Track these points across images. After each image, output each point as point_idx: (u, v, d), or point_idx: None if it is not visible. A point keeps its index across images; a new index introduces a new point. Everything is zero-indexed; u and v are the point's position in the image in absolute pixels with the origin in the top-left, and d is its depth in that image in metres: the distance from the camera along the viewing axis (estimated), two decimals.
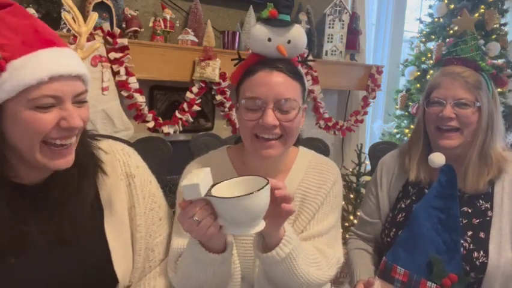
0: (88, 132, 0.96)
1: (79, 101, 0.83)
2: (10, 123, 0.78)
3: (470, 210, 1.22)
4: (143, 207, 1.03)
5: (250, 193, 0.76)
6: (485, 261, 1.15)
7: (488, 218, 1.20)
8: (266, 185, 0.78)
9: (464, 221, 1.20)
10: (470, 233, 1.19)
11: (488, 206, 1.22)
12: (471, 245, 1.17)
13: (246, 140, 1.04)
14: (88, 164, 0.93)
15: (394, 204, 1.35)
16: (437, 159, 1.16)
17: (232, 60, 1.11)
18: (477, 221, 1.21)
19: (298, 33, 1.03)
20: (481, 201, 1.23)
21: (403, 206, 1.32)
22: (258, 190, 0.77)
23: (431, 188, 1.19)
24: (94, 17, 1.06)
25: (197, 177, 0.79)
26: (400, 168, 1.37)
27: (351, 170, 2.75)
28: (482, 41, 1.11)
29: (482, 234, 1.19)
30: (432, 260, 1.11)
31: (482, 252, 1.16)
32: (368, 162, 2.31)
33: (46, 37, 0.80)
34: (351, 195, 2.73)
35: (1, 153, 0.80)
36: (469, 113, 1.20)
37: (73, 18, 1.00)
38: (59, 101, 0.79)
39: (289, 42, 1.02)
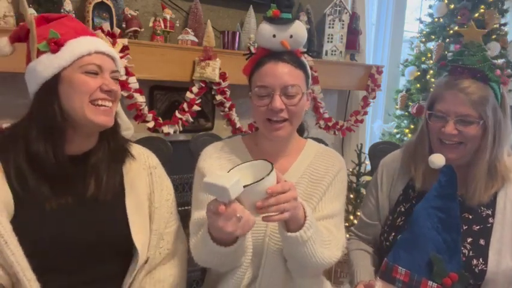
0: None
1: (114, 77, 1.10)
2: (66, 88, 1.03)
3: (470, 217, 1.21)
4: (160, 196, 1.20)
5: (265, 176, 0.85)
6: (484, 268, 1.14)
7: (489, 225, 1.19)
8: (272, 169, 0.88)
9: (464, 227, 1.19)
10: (469, 239, 1.18)
11: (490, 212, 1.20)
12: (470, 252, 1.16)
13: (259, 124, 1.20)
14: (119, 149, 1.17)
15: (394, 208, 1.34)
16: (437, 160, 1.16)
17: (243, 55, 1.29)
18: (477, 227, 1.19)
19: (299, 28, 1.17)
20: (482, 208, 1.21)
21: (403, 209, 1.31)
22: (269, 174, 0.86)
23: (431, 189, 1.19)
24: (122, 43, 1.54)
25: (231, 176, 0.85)
26: (401, 171, 1.35)
27: (351, 170, 2.75)
28: (489, 52, 1.10)
29: (482, 241, 1.17)
30: (433, 259, 1.11)
31: (481, 260, 1.15)
32: (368, 162, 2.31)
33: (89, 31, 1.15)
34: (351, 195, 2.73)
35: (60, 124, 1.03)
36: (472, 130, 1.16)
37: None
38: (101, 70, 1.06)
39: (291, 36, 1.16)
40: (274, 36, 1.16)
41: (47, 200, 1.04)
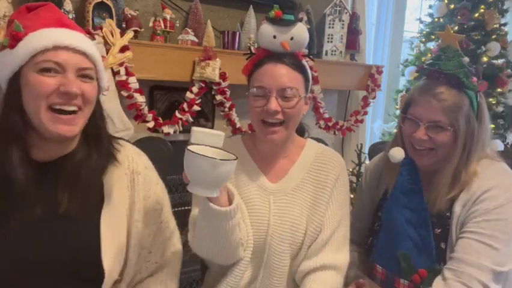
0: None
1: (83, 75, 0.93)
2: (24, 89, 0.90)
3: (435, 220, 1.19)
4: (143, 204, 1.06)
5: (218, 159, 0.87)
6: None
7: (447, 228, 1.17)
8: (233, 159, 0.90)
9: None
10: (429, 225, 1.17)
11: (449, 215, 1.18)
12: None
13: (254, 125, 1.18)
14: (102, 154, 1.01)
15: (374, 212, 1.34)
16: (397, 154, 1.16)
17: (244, 54, 1.27)
18: (438, 231, 1.18)
19: (300, 31, 1.16)
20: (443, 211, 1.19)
21: (380, 214, 1.30)
22: (224, 160, 0.88)
23: (395, 185, 1.18)
24: (129, 35, 1.44)
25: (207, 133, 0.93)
26: (382, 175, 1.35)
27: (351, 170, 2.75)
28: (467, 59, 1.10)
29: (442, 245, 1.17)
30: (400, 256, 1.12)
31: (442, 264, 1.14)
32: (368, 162, 2.31)
33: (64, 22, 0.96)
34: (351, 196, 2.72)
35: (20, 129, 0.91)
36: (443, 137, 1.15)
37: (111, 32, 1.31)
38: (62, 69, 0.90)
39: (292, 38, 1.15)
40: (274, 37, 1.15)
41: (11, 212, 0.91)
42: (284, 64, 1.13)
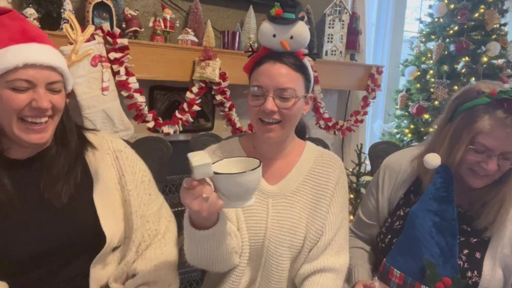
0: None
1: (52, 89, 0.99)
2: None
3: (469, 229, 1.19)
4: (132, 177, 1.16)
5: (251, 170, 0.87)
6: (478, 281, 1.14)
7: (486, 239, 1.18)
8: (258, 165, 0.90)
9: (461, 239, 1.18)
10: (466, 251, 1.17)
11: (488, 226, 1.18)
12: (466, 263, 1.15)
13: (253, 123, 1.17)
14: (71, 141, 1.09)
15: (394, 211, 1.33)
16: (432, 160, 1.13)
17: (245, 52, 1.24)
18: (474, 240, 1.18)
19: (300, 30, 1.14)
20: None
21: (402, 213, 1.29)
22: (254, 169, 0.88)
23: (426, 191, 1.17)
24: (90, 29, 1.30)
25: (205, 158, 0.87)
26: (404, 174, 1.33)
27: (351, 170, 2.75)
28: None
29: (477, 254, 1.16)
30: (426, 263, 1.10)
31: (476, 272, 1.14)
32: (368, 162, 2.30)
33: (30, 35, 0.99)
34: (351, 195, 2.73)
35: None
36: (509, 164, 1.10)
37: (70, 25, 1.26)
38: (32, 85, 0.95)
39: (292, 37, 1.13)
40: (274, 36, 1.13)
41: (5, 207, 0.99)
42: (283, 64, 1.11)
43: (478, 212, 1.18)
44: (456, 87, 2.92)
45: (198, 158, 0.86)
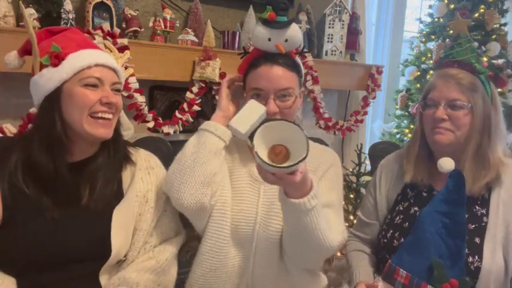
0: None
1: (115, 88, 1.13)
2: (66, 101, 1.06)
3: (466, 216, 1.20)
4: (156, 193, 1.22)
5: (297, 162, 0.88)
6: (479, 265, 1.16)
7: (483, 224, 1.20)
8: (305, 157, 0.89)
9: None
10: (466, 237, 1.19)
11: (484, 212, 1.22)
12: (466, 249, 1.17)
13: None
14: (119, 157, 1.19)
15: (393, 207, 1.36)
16: (446, 164, 1.15)
17: (238, 54, 1.28)
18: (473, 226, 1.21)
19: (294, 32, 1.18)
20: (477, 207, 1.23)
21: (401, 208, 1.33)
22: (300, 161, 0.88)
23: (438, 193, 1.18)
24: (127, 55, 1.72)
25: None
26: (399, 171, 1.37)
27: (351, 170, 2.75)
28: (476, 43, 1.12)
29: (477, 240, 1.19)
30: (434, 264, 1.11)
31: (477, 257, 1.16)
32: (368, 162, 2.31)
33: (92, 43, 1.17)
34: (351, 195, 2.73)
35: (60, 136, 1.07)
36: (461, 115, 1.20)
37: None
38: (101, 83, 1.09)
39: (286, 40, 1.17)
40: (269, 39, 1.16)
41: (47, 209, 1.07)
42: (279, 65, 1.16)
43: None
44: None
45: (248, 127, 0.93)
